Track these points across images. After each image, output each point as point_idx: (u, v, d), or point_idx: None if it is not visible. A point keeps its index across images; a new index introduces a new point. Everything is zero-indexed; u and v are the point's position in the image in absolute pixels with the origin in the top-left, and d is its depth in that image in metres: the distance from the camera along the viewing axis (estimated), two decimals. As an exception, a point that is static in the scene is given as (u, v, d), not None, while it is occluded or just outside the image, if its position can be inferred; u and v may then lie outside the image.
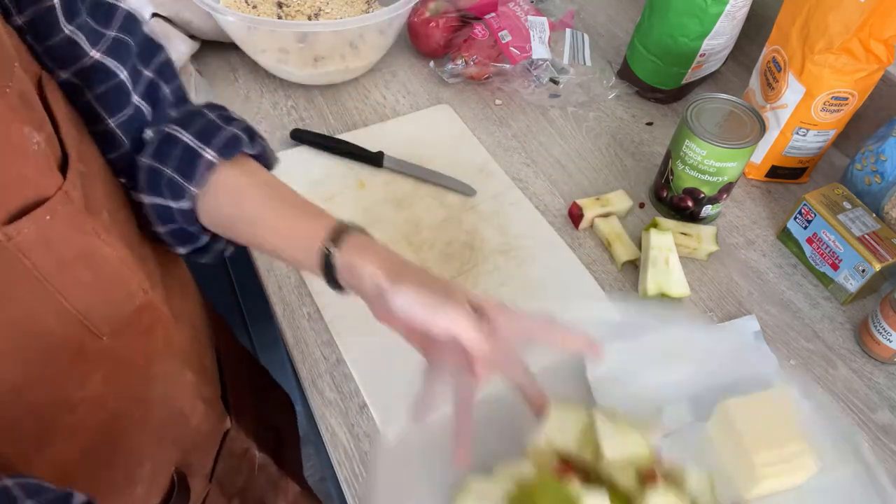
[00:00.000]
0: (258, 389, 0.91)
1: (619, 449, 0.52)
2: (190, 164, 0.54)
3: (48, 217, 0.42)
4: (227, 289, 1.31)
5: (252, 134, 0.58)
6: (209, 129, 0.55)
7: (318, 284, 0.78)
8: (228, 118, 0.57)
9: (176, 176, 0.54)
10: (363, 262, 0.52)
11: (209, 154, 0.54)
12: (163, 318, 0.57)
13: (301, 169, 0.89)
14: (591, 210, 0.85)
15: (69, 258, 0.45)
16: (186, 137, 0.54)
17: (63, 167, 0.44)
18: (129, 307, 0.52)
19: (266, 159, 0.60)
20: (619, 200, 0.87)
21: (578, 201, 0.85)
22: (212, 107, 0.58)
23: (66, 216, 0.44)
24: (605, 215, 0.86)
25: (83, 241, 0.46)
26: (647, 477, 0.51)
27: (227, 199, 0.55)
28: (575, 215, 0.85)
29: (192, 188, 0.54)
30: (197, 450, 0.67)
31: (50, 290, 0.44)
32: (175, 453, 0.62)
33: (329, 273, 0.54)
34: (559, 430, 0.54)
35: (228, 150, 0.55)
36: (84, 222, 0.46)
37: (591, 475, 0.53)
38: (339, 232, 0.54)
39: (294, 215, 0.56)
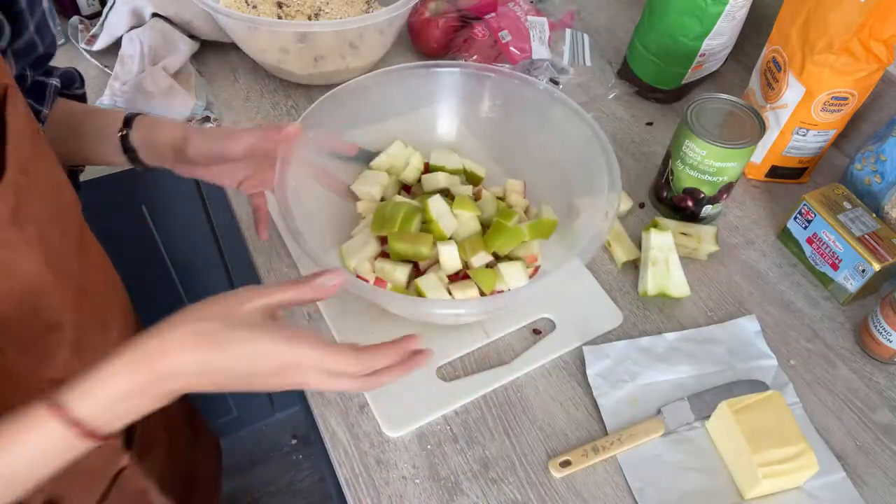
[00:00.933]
0: (177, 428, 0.86)
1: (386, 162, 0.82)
2: (40, 92, 0.62)
3: None
4: (227, 290, 1.31)
5: (79, 74, 0.70)
6: (49, 69, 0.65)
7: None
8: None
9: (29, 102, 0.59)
10: (156, 133, 0.67)
11: (54, 81, 0.63)
12: (66, 344, 0.55)
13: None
14: None
15: None
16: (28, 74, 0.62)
17: None
18: (36, 325, 0.51)
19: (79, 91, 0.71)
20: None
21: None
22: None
23: None
24: None
25: (2, 254, 0.46)
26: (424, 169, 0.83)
27: (60, 124, 0.65)
28: None
29: (44, 109, 0.62)
30: (76, 485, 0.63)
31: None
32: (46, 483, 0.59)
33: (131, 154, 0.67)
34: (367, 185, 0.80)
35: (68, 79, 0.67)
36: (7, 234, 0.46)
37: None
38: (130, 118, 0.67)
39: (97, 120, 0.68)
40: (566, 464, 0.65)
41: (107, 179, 0.88)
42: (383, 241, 0.74)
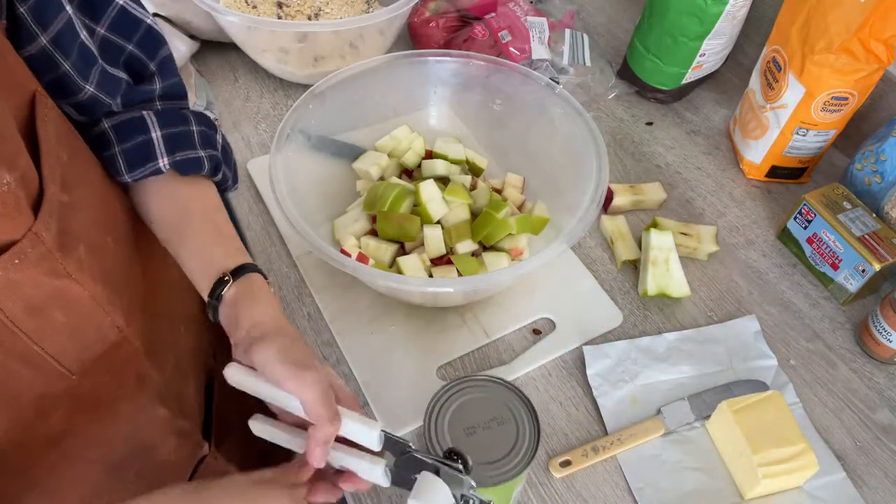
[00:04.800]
0: (252, 410, 0.85)
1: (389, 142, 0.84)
2: (141, 159, 0.54)
3: (16, 261, 0.41)
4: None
5: (217, 165, 0.59)
6: (180, 140, 0.55)
7: (317, 283, 0.78)
8: (207, 140, 0.58)
9: (121, 157, 0.54)
10: (249, 305, 0.53)
11: (163, 162, 0.54)
12: (137, 355, 0.55)
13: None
14: (621, 196, 0.86)
15: (39, 301, 0.44)
16: (155, 133, 0.54)
17: (36, 204, 0.42)
18: (102, 346, 0.51)
19: (223, 186, 0.62)
20: (653, 192, 0.87)
21: (612, 185, 0.87)
22: (201, 118, 0.58)
23: (37, 258, 0.42)
24: (634, 205, 0.87)
25: (54, 284, 0.44)
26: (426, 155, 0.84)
27: (160, 201, 0.57)
28: (606, 198, 0.85)
29: (126, 178, 0.54)
30: (164, 481, 0.62)
31: (18, 334, 0.43)
32: (139, 486, 0.59)
33: (214, 301, 0.54)
34: (366, 164, 0.82)
35: (184, 168, 0.56)
36: (55, 263, 0.44)
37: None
38: (240, 269, 0.55)
39: (212, 237, 0.57)
40: (566, 464, 0.65)
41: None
42: (375, 220, 0.76)
